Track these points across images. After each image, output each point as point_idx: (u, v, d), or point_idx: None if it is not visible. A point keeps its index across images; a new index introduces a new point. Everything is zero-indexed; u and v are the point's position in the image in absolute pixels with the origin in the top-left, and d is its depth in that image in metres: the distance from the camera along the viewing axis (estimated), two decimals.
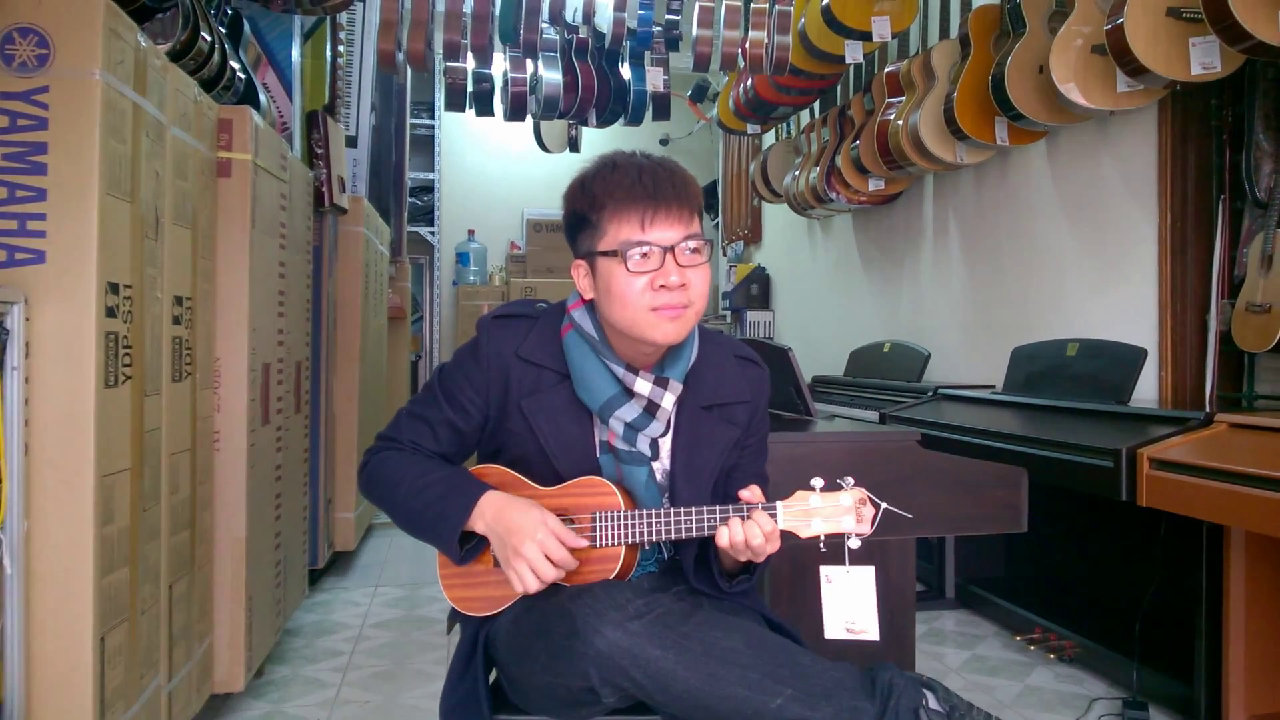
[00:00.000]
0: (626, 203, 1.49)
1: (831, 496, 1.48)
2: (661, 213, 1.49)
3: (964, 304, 4.56)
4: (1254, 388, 2.98)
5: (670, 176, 1.52)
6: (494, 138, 7.83)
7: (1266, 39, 2.43)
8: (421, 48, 3.87)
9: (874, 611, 1.55)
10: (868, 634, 1.56)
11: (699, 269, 1.52)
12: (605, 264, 1.51)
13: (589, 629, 1.36)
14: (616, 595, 1.41)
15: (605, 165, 1.54)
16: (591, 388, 1.57)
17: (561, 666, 1.41)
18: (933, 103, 3.98)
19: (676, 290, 1.48)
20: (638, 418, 1.57)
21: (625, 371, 1.56)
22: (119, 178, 1.91)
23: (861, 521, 1.47)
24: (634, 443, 1.59)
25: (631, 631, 1.35)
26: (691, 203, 1.52)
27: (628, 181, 1.50)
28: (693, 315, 1.53)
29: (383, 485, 1.61)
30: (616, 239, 1.50)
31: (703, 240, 1.52)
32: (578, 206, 1.55)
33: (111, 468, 1.92)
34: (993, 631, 3.60)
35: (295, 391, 3.31)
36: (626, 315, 1.50)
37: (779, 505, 1.48)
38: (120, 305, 1.94)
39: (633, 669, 1.34)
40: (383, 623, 3.69)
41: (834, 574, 1.56)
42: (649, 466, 1.60)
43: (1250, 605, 2.53)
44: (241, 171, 2.63)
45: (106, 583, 1.92)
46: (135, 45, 1.99)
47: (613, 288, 1.50)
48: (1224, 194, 3.07)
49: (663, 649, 1.35)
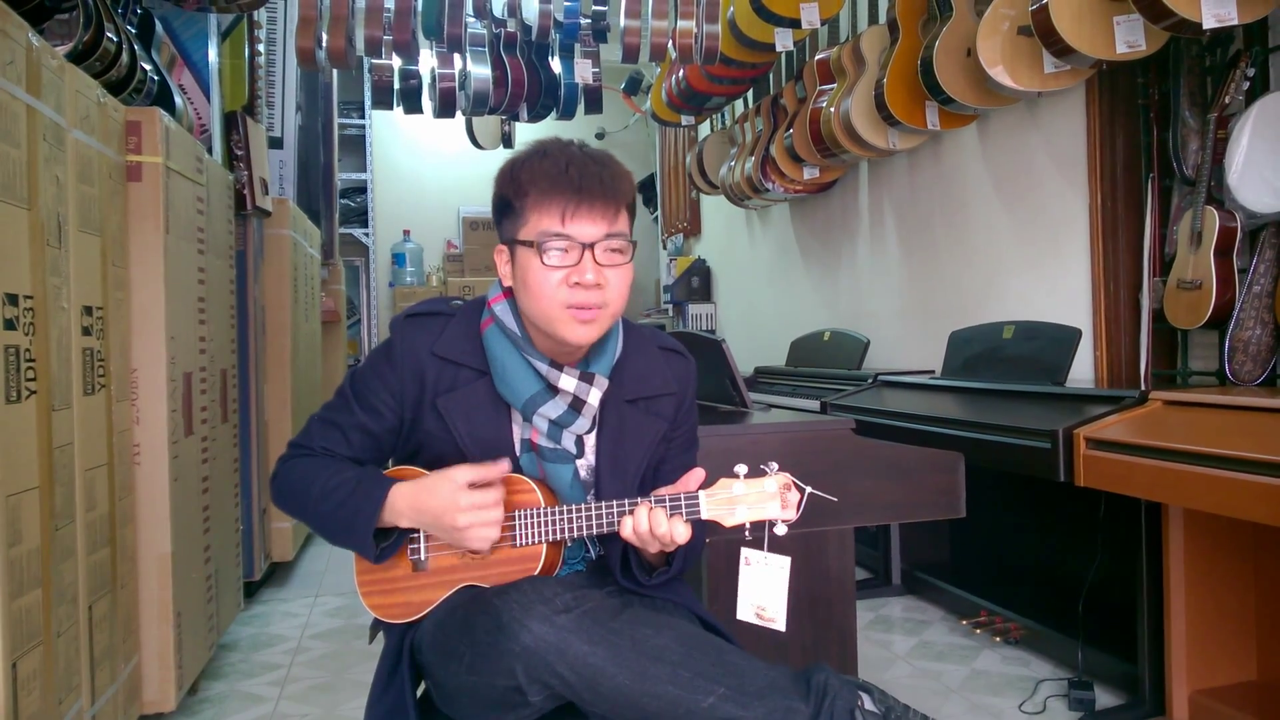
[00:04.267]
0: (550, 193, 1.45)
1: (756, 483, 1.44)
2: (585, 208, 1.45)
3: (902, 290, 4.56)
4: (1188, 364, 3.00)
5: (600, 171, 1.47)
6: (427, 136, 7.75)
7: (1188, 16, 2.43)
8: (342, 44, 3.78)
9: (784, 602, 1.54)
10: (776, 623, 1.54)
11: (619, 270, 1.48)
12: (523, 254, 1.48)
13: (515, 624, 1.31)
14: (544, 589, 1.37)
15: (536, 152, 1.50)
16: (514, 384, 1.53)
17: (487, 665, 1.36)
18: (864, 89, 3.96)
19: (591, 289, 1.45)
20: (563, 414, 1.53)
21: (549, 368, 1.52)
22: (12, 183, 1.82)
23: (787, 507, 1.44)
24: (559, 440, 1.55)
25: (559, 626, 1.31)
26: (619, 200, 1.48)
27: (554, 171, 1.45)
28: (608, 317, 1.49)
29: (293, 492, 1.55)
30: (536, 229, 1.46)
31: (627, 241, 1.49)
32: (504, 190, 1.52)
33: (16, 486, 1.83)
34: (939, 617, 3.60)
35: (221, 400, 3.22)
36: (539, 309, 1.47)
37: (701, 495, 1.45)
38: (20, 317, 1.85)
39: (560, 665, 1.30)
40: (322, 633, 3.61)
41: (754, 557, 1.55)
42: (574, 464, 1.57)
43: (1190, 582, 2.54)
44: (152, 175, 2.54)
45: (16, 606, 1.83)
46: (26, 44, 1.90)
47: (528, 280, 1.47)
48: (1153, 172, 3.08)
49: (591, 644, 1.30)
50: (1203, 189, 2.74)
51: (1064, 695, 2.77)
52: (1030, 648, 3.16)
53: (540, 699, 1.34)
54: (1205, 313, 2.68)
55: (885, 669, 3.08)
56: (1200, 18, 2.43)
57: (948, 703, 2.81)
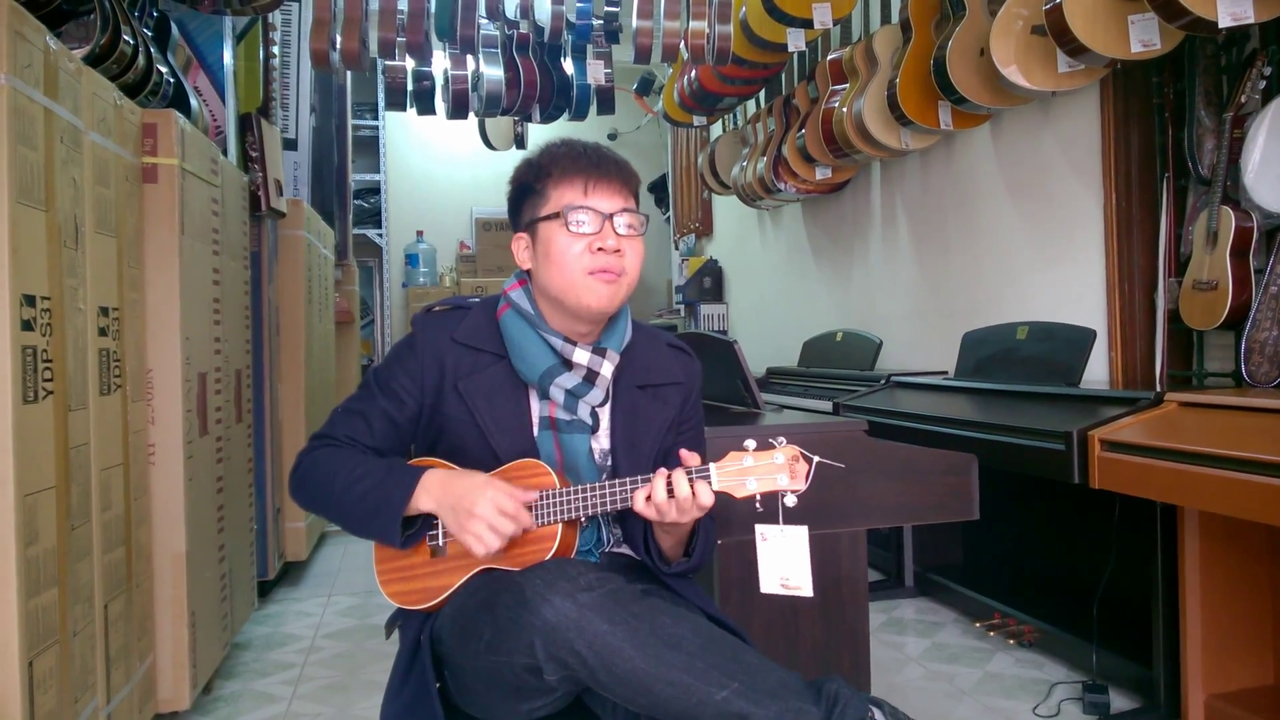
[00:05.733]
0: (571, 170, 1.59)
1: (765, 455, 1.47)
2: (604, 183, 1.58)
3: (915, 290, 4.55)
4: (1204, 365, 2.98)
5: (614, 157, 1.63)
6: (440, 137, 7.76)
7: (1204, 14, 2.42)
8: (356, 46, 3.79)
9: (808, 567, 1.56)
10: (802, 590, 1.57)
11: (634, 242, 1.60)
12: (546, 228, 1.59)
13: (538, 598, 1.34)
14: (568, 569, 1.40)
15: (553, 143, 1.64)
16: (530, 359, 1.61)
17: (506, 642, 1.38)
18: (876, 89, 3.95)
19: (613, 255, 1.56)
20: (578, 385, 1.61)
21: (563, 343, 1.61)
22: (30, 186, 1.84)
23: (796, 478, 1.46)
24: (575, 410, 1.63)
25: (581, 603, 1.33)
26: (630, 184, 1.63)
27: (573, 153, 1.60)
28: (625, 285, 1.60)
29: (316, 480, 1.59)
30: (559, 203, 1.58)
31: (640, 217, 1.62)
32: (524, 179, 1.64)
33: (33, 486, 1.85)
34: (952, 618, 3.59)
35: (236, 400, 3.23)
36: (563, 278, 1.57)
37: (712, 466, 1.49)
38: (37, 318, 1.87)
39: (578, 641, 1.31)
40: (335, 632, 3.62)
41: (769, 532, 1.58)
42: (589, 438, 1.64)
43: (1206, 584, 2.53)
44: (168, 176, 2.55)
45: (33, 605, 1.85)
46: (44, 48, 1.91)
47: (552, 251, 1.57)
48: (1168, 172, 3.06)
49: (611, 624, 1.32)
50: (1218, 189, 2.73)
51: (1078, 699, 2.76)
52: (1044, 650, 3.14)
53: (556, 680, 1.35)
54: (1221, 313, 2.67)
55: (898, 671, 3.07)
56: (1216, 16, 2.41)
57: (961, 705, 2.80)
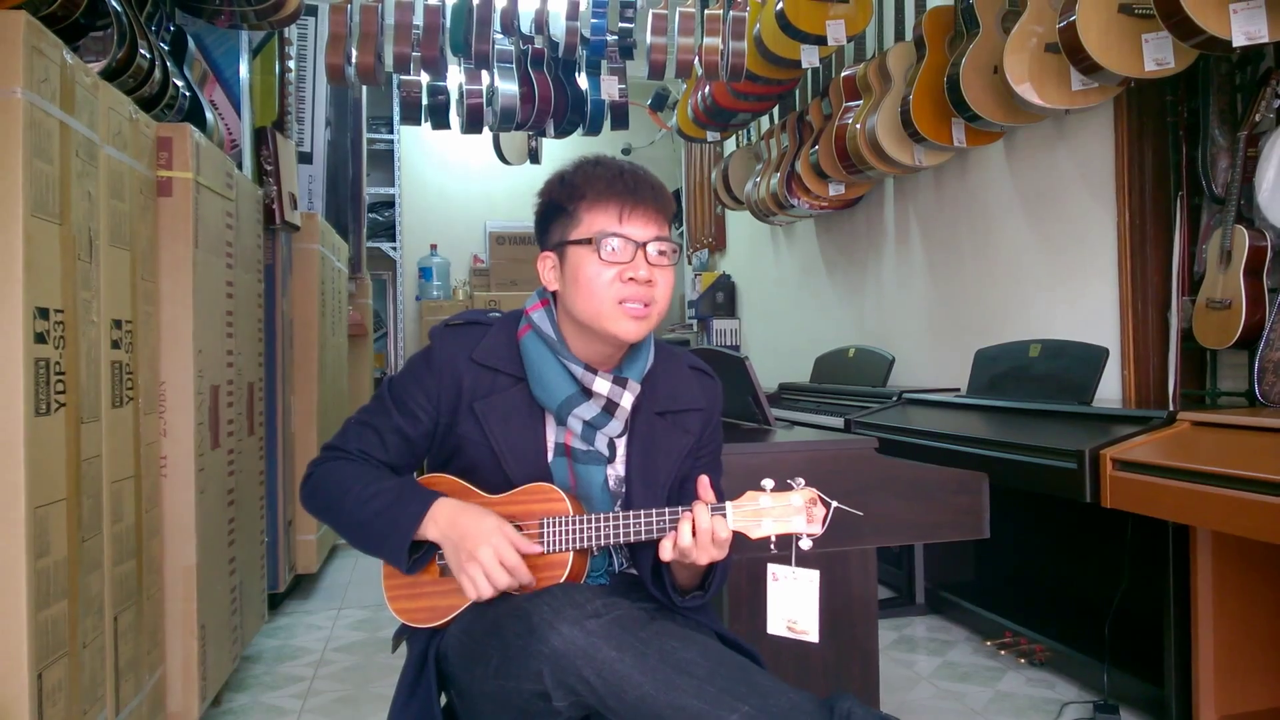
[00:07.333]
0: (606, 195, 1.54)
1: (782, 497, 1.46)
2: (640, 210, 1.54)
3: (927, 307, 4.54)
4: (1217, 384, 2.97)
5: (650, 180, 1.58)
6: (454, 151, 7.78)
7: (1218, 33, 2.42)
8: (371, 61, 3.81)
9: (815, 613, 1.55)
10: (808, 635, 1.56)
11: (665, 271, 1.56)
12: (576, 253, 1.54)
13: (545, 626, 1.33)
14: (575, 595, 1.39)
15: (588, 161, 1.59)
16: (549, 386, 1.57)
17: (514, 668, 1.37)
18: (889, 105, 3.96)
19: (644, 286, 1.52)
20: (597, 416, 1.58)
21: (584, 371, 1.57)
22: (45, 199, 1.85)
23: (813, 521, 1.45)
24: (592, 441, 1.60)
25: (589, 630, 1.32)
26: (665, 209, 1.58)
27: (609, 176, 1.55)
28: (655, 316, 1.55)
29: (327, 494, 1.58)
30: (592, 228, 1.53)
31: (672, 245, 1.57)
32: (555, 197, 1.59)
33: (45, 498, 1.85)
34: (963, 637, 3.57)
35: (248, 413, 3.24)
36: (592, 306, 1.53)
37: (729, 505, 1.47)
38: (50, 330, 1.88)
39: (587, 670, 1.30)
40: (346, 646, 3.62)
41: (781, 572, 1.56)
42: (605, 468, 1.61)
43: (1219, 605, 2.51)
44: (183, 190, 2.56)
45: (43, 617, 1.85)
46: (61, 62, 1.92)
47: (580, 277, 1.53)
48: (1181, 190, 3.06)
49: (619, 651, 1.31)
50: (1232, 207, 2.72)
51: (1089, 718, 2.74)
52: (1055, 670, 3.12)
53: (565, 705, 1.34)
54: (1235, 332, 2.66)
55: (908, 690, 3.06)
56: (1230, 35, 2.41)
57: None
